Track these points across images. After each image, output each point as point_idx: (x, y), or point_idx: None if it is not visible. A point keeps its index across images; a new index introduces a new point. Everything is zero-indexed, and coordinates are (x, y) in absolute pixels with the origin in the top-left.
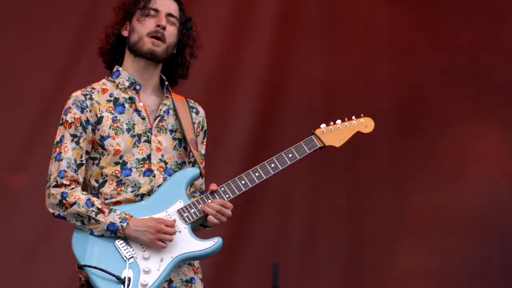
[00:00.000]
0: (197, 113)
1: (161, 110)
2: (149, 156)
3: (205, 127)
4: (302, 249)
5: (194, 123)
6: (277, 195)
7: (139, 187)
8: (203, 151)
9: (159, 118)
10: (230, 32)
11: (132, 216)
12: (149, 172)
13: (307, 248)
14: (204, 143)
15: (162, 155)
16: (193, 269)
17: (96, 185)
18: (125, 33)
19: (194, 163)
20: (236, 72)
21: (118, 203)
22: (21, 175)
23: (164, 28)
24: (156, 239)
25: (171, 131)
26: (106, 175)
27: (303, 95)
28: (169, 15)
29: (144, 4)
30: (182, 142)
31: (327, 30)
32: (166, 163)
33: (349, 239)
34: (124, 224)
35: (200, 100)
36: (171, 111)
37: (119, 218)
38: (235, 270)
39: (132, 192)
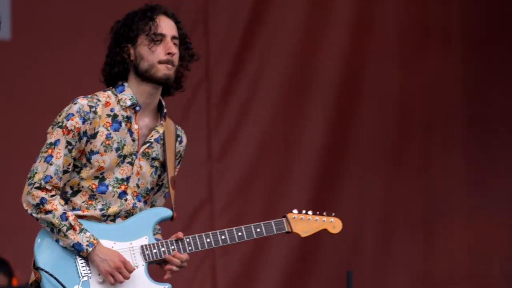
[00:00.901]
0: (180, 142)
1: (152, 136)
2: (128, 178)
3: (183, 155)
4: (376, 256)
5: (176, 152)
6: (351, 202)
7: (109, 207)
8: (175, 174)
9: (147, 144)
10: (304, 40)
11: (99, 242)
12: (123, 194)
13: (381, 256)
14: (177, 169)
15: (139, 179)
16: None
17: (70, 192)
18: (131, 57)
19: (154, 202)
20: (310, 79)
21: (83, 217)
22: None
23: (174, 54)
24: (110, 273)
25: (153, 158)
26: (82, 186)
27: (378, 106)
28: (174, 37)
29: (149, 30)
30: (158, 170)
31: (402, 40)
32: (139, 187)
33: (423, 247)
34: (90, 249)
35: (275, 108)
36: (160, 140)
37: (87, 241)
38: (309, 277)
39: (100, 210)
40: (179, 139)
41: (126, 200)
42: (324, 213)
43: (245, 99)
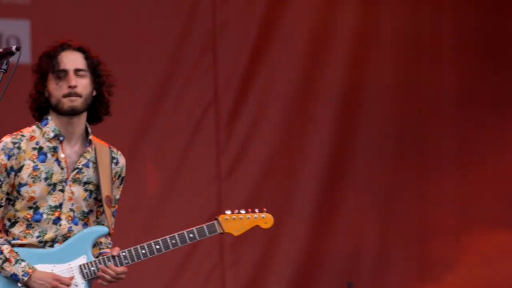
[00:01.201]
0: (116, 163)
1: (80, 163)
2: (61, 205)
3: (123, 175)
4: (375, 267)
5: (113, 174)
6: (350, 213)
7: (45, 234)
8: (117, 196)
9: (76, 171)
10: (309, 51)
11: (34, 271)
12: (57, 220)
13: (380, 267)
14: (120, 188)
15: (72, 204)
16: None
17: (8, 223)
18: (46, 94)
19: (103, 221)
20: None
21: (23, 245)
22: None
23: (75, 87)
24: None
25: (85, 183)
26: (19, 217)
27: (377, 113)
28: (77, 70)
29: (53, 67)
30: (93, 193)
31: (399, 51)
32: (74, 211)
33: (419, 257)
34: (26, 278)
35: (281, 128)
36: (91, 164)
37: (22, 271)
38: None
39: (37, 237)
40: (114, 161)
41: (60, 225)
42: (256, 210)
43: (252, 121)
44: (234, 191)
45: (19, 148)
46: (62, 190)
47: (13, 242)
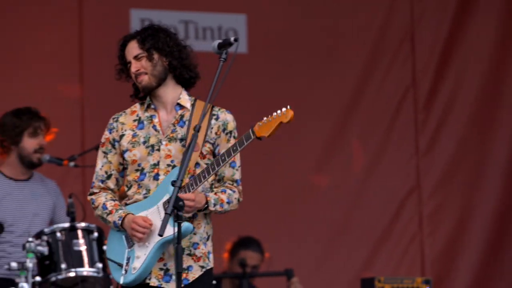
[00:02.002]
0: (217, 119)
1: (173, 123)
2: (158, 162)
3: (228, 129)
4: None
5: (212, 127)
6: None
7: (149, 190)
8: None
9: (170, 130)
10: (499, 39)
11: (127, 215)
12: (157, 175)
13: None
14: (231, 142)
15: (171, 160)
16: (193, 258)
17: (126, 189)
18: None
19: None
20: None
21: (133, 203)
22: (321, 176)
23: (138, 71)
24: (132, 234)
25: (181, 139)
26: (130, 181)
27: None
28: (134, 57)
29: (124, 61)
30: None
31: None
32: (175, 166)
33: None
34: (120, 222)
35: (471, 112)
36: (185, 123)
37: (118, 216)
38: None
39: (144, 195)
40: (214, 117)
41: (159, 179)
42: (279, 109)
43: (447, 103)
44: (431, 166)
45: (117, 121)
46: (159, 150)
47: (128, 202)
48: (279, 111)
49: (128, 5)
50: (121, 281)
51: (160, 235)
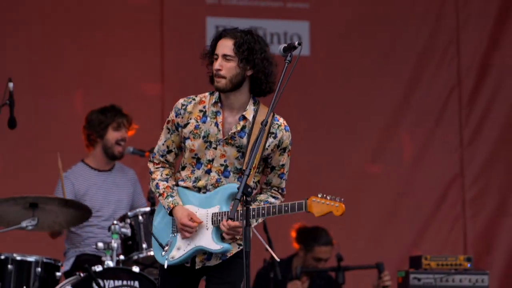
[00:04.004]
0: (275, 137)
1: (234, 131)
2: (213, 160)
3: (283, 146)
4: None
5: (268, 147)
6: None
7: (198, 181)
8: (281, 163)
9: (230, 136)
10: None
11: (175, 206)
12: (209, 171)
13: None
14: (284, 156)
15: (224, 160)
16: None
17: (181, 167)
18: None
19: (270, 180)
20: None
21: (185, 187)
22: (376, 164)
23: (219, 70)
24: (180, 228)
25: (238, 147)
26: (187, 163)
27: None
28: (224, 55)
29: (212, 50)
30: (244, 155)
31: None
32: (227, 166)
33: None
34: (168, 211)
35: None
36: (245, 134)
37: (167, 205)
38: None
39: (193, 182)
40: (272, 135)
41: (210, 176)
42: (337, 199)
43: (488, 101)
44: (473, 156)
45: (185, 109)
46: (215, 148)
47: (179, 182)
48: (332, 202)
49: (205, 13)
50: (160, 260)
51: (231, 218)
